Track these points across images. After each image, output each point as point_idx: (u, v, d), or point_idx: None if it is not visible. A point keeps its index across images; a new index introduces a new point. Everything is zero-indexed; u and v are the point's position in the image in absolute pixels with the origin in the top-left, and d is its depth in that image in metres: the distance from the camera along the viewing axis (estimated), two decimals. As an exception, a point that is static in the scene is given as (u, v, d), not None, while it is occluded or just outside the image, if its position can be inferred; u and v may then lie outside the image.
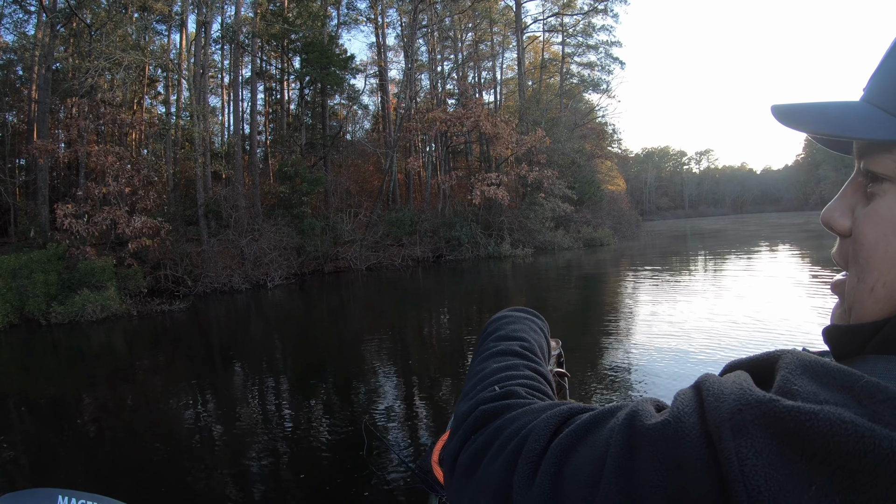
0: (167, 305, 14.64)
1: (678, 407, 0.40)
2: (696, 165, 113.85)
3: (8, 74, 24.29)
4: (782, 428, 0.34)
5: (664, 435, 0.38)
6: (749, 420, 0.35)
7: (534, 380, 0.66)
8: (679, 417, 0.39)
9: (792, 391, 0.36)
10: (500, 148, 27.38)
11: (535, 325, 0.85)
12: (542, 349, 0.79)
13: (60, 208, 15.05)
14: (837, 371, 0.37)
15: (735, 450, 0.34)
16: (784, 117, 0.49)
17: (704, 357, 7.02)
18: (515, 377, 0.65)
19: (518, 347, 0.74)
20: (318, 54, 25.99)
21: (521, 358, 0.71)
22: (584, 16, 38.28)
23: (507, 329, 0.80)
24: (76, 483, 4.55)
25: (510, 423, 0.54)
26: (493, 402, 0.59)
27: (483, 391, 0.63)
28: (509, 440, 0.52)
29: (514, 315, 0.87)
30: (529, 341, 0.77)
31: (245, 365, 9.04)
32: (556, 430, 0.49)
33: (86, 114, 17.33)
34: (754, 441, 0.34)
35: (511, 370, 0.67)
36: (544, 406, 0.55)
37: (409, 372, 7.83)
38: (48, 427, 6.18)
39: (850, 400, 0.34)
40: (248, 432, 5.69)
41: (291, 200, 23.50)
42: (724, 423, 0.35)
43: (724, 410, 0.36)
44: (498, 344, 0.76)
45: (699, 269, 17.98)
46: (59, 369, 9.66)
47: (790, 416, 0.34)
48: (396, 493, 4.12)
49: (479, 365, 0.72)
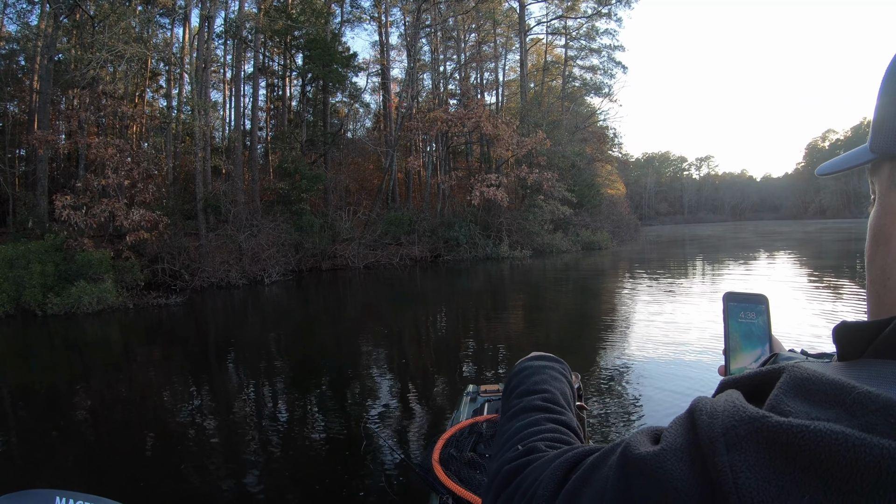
0: (163, 299, 14.67)
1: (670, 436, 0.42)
2: (696, 171, 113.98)
3: (10, 64, 24.26)
4: (775, 442, 0.34)
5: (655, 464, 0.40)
6: (742, 435, 0.36)
7: (555, 431, 0.70)
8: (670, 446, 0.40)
9: (784, 412, 0.37)
10: (501, 149, 27.42)
11: (556, 372, 0.87)
12: (566, 395, 0.82)
13: (59, 199, 15.10)
14: (830, 386, 0.38)
15: (729, 463, 0.35)
16: (824, 173, 0.64)
17: (702, 357, 7.07)
18: (537, 433, 0.69)
19: (540, 401, 0.77)
20: (321, 51, 26.00)
21: (543, 412, 0.75)
22: (587, 19, 38.31)
23: (528, 383, 0.83)
24: (69, 477, 4.59)
25: (528, 476, 0.59)
26: (516, 460, 0.64)
27: (508, 451, 0.67)
28: (525, 493, 0.57)
29: (534, 365, 0.89)
30: (552, 392, 0.80)
31: (241, 361, 9.08)
32: (566, 476, 0.53)
33: (86, 105, 17.39)
34: (747, 455, 0.35)
35: (533, 426, 0.71)
36: (555, 455, 0.59)
37: (406, 371, 7.86)
38: (42, 419, 6.21)
39: (843, 414, 0.35)
40: (243, 429, 5.72)
41: (290, 197, 23.53)
42: (717, 438, 0.37)
43: (717, 426, 0.38)
44: (521, 401, 0.79)
45: (694, 273, 18.03)
46: (55, 361, 9.69)
47: (782, 430, 0.34)
48: (395, 492, 4.12)
49: (505, 425, 0.76)
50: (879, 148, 0.50)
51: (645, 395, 5.95)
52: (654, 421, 5.08)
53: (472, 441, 2.22)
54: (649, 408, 5.52)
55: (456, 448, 2.14)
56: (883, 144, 0.49)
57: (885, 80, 0.48)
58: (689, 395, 5.74)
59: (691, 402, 0.44)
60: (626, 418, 5.31)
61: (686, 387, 6.07)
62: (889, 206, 0.50)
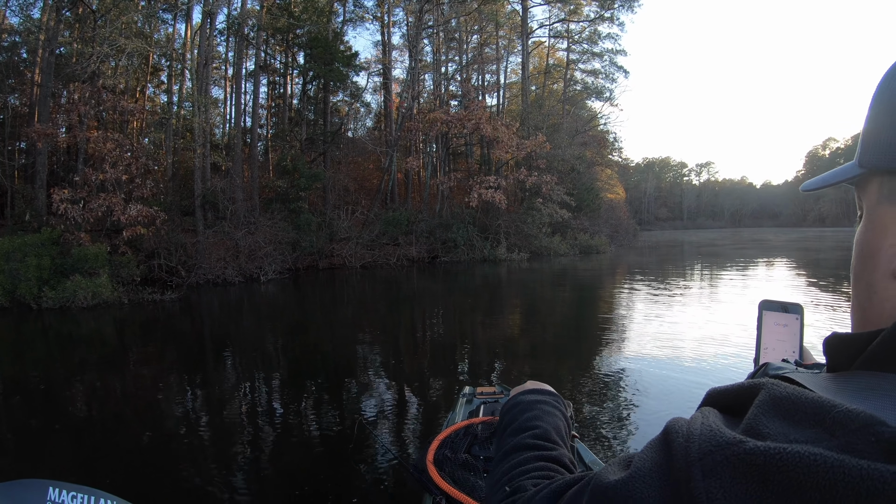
0: (159, 295, 14.62)
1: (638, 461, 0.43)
2: (696, 177, 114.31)
3: (12, 57, 24.21)
4: (751, 465, 0.34)
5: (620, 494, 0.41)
6: (718, 461, 0.36)
7: (543, 469, 0.70)
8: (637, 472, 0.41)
9: (762, 434, 0.37)
10: (501, 151, 27.43)
11: (549, 406, 0.87)
12: (559, 429, 0.82)
13: (57, 193, 15.04)
14: (809, 404, 0.38)
15: (705, 489, 0.35)
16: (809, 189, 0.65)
17: (697, 363, 7.05)
18: (525, 472, 0.70)
19: (530, 439, 0.78)
20: (323, 50, 26.00)
21: (532, 449, 0.75)
22: (590, 23, 38.40)
23: (520, 420, 0.84)
24: (63, 471, 4.56)
25: None
26: (503, 501, 0.65)
27: (497, 493, 0.69)
28: None
29: (526, 400, 0.90)
30: (544, 427, 0.81)
31: (235, 358, 9.04)
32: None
33: (87, 99, 17.31)
34: (723, 481, 0.34)
35: (522, 465, 0.72)
36: (538, 489, 0.60)
37: (401, 372, 7.82)
38: (35, 412, 6.17)
39: (822, 434, 0.35)
40: (237, 426, 5.68)
41: (289, 195, 23.49)
42: (693, 464, 0.36)
43: (693, 451, 0.37)
44: (513, 439, 0.80)
45: (690, 279, 18.02)
46: (49, 354, 9.64)
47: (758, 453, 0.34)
48: (389, 492, 4.10)
49: (497, 466, 0.77)
50: (868, 162, 0.50)
51: (639, 398, 5.92)
52: (646, 424, 5.06)
53: (467, 442, 2.19)
54: (644, 410, 5.49)
55: (451, 449, 2.12)
56: (872, 159, 0.49)
57: (876, 96, 0.49)
58: (685, 397, 5.73)
59: (666, 423, 0.44)
60: (619, 422, 5.28)
61: (680, 389, 6.04)
62: (876, 221, 0.50)
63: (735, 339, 8.40)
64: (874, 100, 0.49)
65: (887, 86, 0.48)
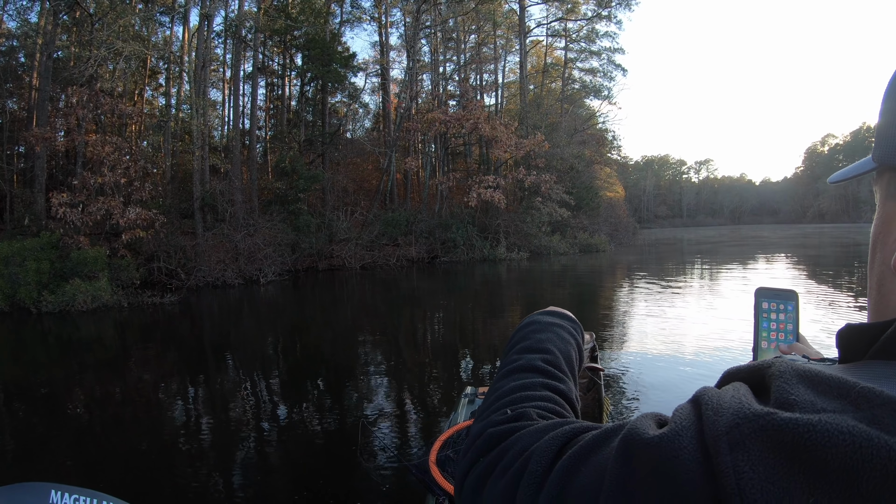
0: (158, 298, 14.59)
1: (677, 421, 0.40)
2: (695, 175, 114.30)
3: (10, 61, 24.21)
4: (779, 441, 0.33)
5: (661, 448, 0.38)
6: (746, 434, 0.34)
7: (550, 400, 0.64)
8: (678, 431, 0.38)
9: (790, 401, 0.37)
10: (499, 151, 27.40)
11: (565, 332, 0.81)
12: (571, 359, 0.76)
13: (55, 197, 15.02)
14: (831, 379, 0.37)
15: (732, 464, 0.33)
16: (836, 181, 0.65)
17: (695, 358, 7.04)
18: (530, 398, 0.64)
19: (540, 362, 0.71)
20: (320, 51, 26.00)
21: (541, 375, 0.69)
22: (587, 22, 38.39)
23: (532, 339, 0.77)
24: (64, 473, 4.55)
25: (514, 444, 0.54)
26: (502, 424, 0.59)
27: (495, 413, 0.62)
28: (512, 462, 0.52)
29: (542, 321, 0.83)
30: (555, 354, 0.74)
31: (236, 360, 9.03)
32: (560, 451, 0.49)
33: (85, 103, 17.28)
34: (751, 455, 0.33)
35: (528, 390, 0.66)
36: (547, 426, 0.55)
37: (402, 372, 7.81)
38: (36, 416, 6.17)
39: (848, 406, 0.35)
40: (238, 427, 5.67)
41: (288, 196, 23.47)
42: (721, 437, 0.35)
43: (721, 424, 0.36)
44: (520, 358, 0.73)
45: (690, 277, 18.01)
46: (49, 358, 9.63)
47: (787, 428, 0.33)
48: (392, 493, 4.09)
49: (498, 381, 0.71)
50: (880, 158, 0.51)
51: (641, 392, 5.93)
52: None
53: (469, 443, 2.18)
54: (645, 405, 5.48)
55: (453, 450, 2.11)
56: (883, 155, 0.50)
57: (888, 92, 0.49)
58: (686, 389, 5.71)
59: (696, 391, 0.43)
60: (621, 417, 5.27)
61: (682, 382, 6.03)
62: (885, 215, 0.51)
63: (734, 334, 8.40)
64: (886, 94, 0.49)
65: None
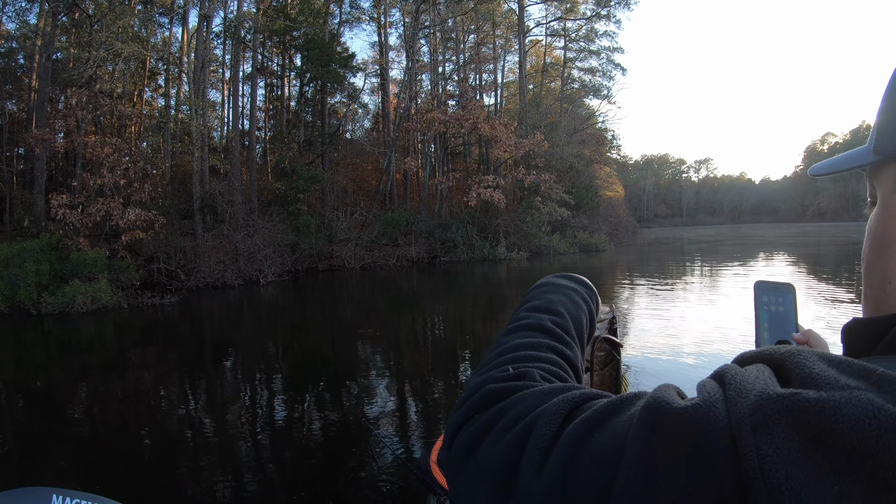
0: (158, 299, 14.58)
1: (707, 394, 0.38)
2: (694, 174, 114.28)
3: (9, 62, 24.19)
4: (804, 423, 0.32)
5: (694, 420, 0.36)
6: (770, 416, 0.33)
7: (554, 364, 0.61)
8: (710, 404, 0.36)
9: (813, 375, 0.35)
10: (499, 151, 27.41)
11: (579, 297, 0.77)
12: (581, 326, 0.72)
13: (55, 198, 15.02)
14: (852, 362, 0.37)
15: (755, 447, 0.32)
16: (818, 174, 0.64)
17: (697, 355, 7.02)
18: (535, 358, 0.60)
19: (549, 323, 0.68)
20: (319, 51, 25.98)
21: (548, 336, 0.66)
22: (586, 21, 38.40)
23: (543, 299, 0.74)
24: (63, 475, 4.54)
25: (516, 403, 0.51)
26: (503, 382, 0.55)
27: (495, 369, 0.59)
28: (514, 423, 0.49)
29: (556, 283, 0.79)
30: (564, 317, 0.70)
31: (236, 361, 9.02)
32: (568, 416, 0.46)
33: (84, 104, 17.27)
34: (774, 438, 0.32)
35: (533, 349, 0.62)
36: (554, 389, 0.51)
37: (402, 372, 7.81)
38: (37, 418, 6.16)
39: (871, 386, 0.34)
40: (239, 428, 5.66)
41: (287, 197, 23.46)
42: (744, 420, 0.34)
43: (744, 406, 0.35)
44: (529, 316, 0.70)
45: (690, 275, 18.00)
46: (49, 360, 9.62)
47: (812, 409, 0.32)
48: (393, 493, 4.08)
49: (503, 337, 0.68)
50: (884, 150, 0.49)
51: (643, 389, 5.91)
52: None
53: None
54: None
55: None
56: (888, 146, 0.49)
57: (892, 83, 0.48)
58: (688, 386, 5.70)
59: (719, 368, 0.41)
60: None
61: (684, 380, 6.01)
62: (892, 210, 0.50)
63: (735, 332, 8.38)
64: (889, 86, 0.48)
65: None
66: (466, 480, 0.50)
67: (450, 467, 0.54)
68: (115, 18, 20.10)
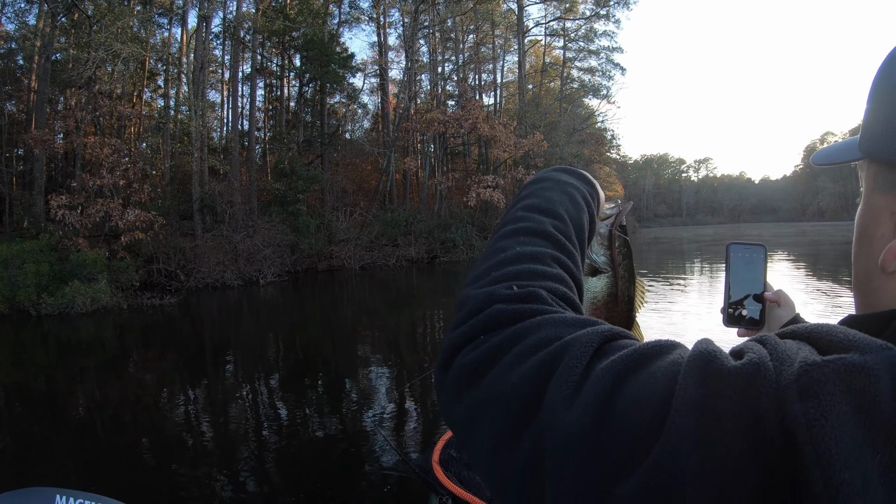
0: (158, 299, 14.58)
1: (756, 356, 0.36)
2: (694, 173, 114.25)
3: (8, 63, 24.17)
4: (850, 389, 0.32)
5: (748, 380, 0.34)
6: (816, 381, 0.33)
7: (561, 281, 0.56)
8: (760, 366, 0.35)
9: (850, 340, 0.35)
10: (498, 150, 27.41)
11: (580, 195, 0.69)
12: (582, 231, 0.66)
13: (54, 199, 15.01)
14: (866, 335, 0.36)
15: (803, 412, 0.31)
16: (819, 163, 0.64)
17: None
18: (541, 274, 0.55)
19: (551, 228, 0.61)
20: (319, 52, 25.98)
21: (552, 245, 0.60)
22: (586, 21, 38.41)
23: (542, 197, 0.66)
24: (64, 475, 4.53)
25: (534, 330, 0.47)
26: (513, 303, 0.51)
27: (497, 283, 0.54)
28: (533, 350, 0.45)
29: (555, 178, 0.71)
30: (565, 221, 0.64)
31: (236, 361, 9.01)
32: (597, 352, 0.43)
33: (83, 105, 17.27)
34: (822, 403, 0.31)
35: (537, 262, 0.57)
36: (577, 320, 0.48)
37: (403, 372, 7.79)
38: (38, 418, 6.15)
39: None
40: (239, 429, 5.65)
41: (287, 197, 23.46)
42: (790, 385, 0.33)
43: (790, 372, 0.34)
44: (528, 217, 0.63)
45: (691, 274, 18.01)
46: (49, 360, 9.61)
47: (856, 372, 0.32)
48: (395, 493, 4.07)
49: (499, 241, 0.62)
50: (866, 150, 0.51)
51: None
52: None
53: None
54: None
55: (456, 449, 2.10)
56: (869, 148, 0.51)
57: (875, 85, 0.49)
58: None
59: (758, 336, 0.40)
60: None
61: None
62: (872, 208, 0.51)
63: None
64: (872, 87, 0.50)
65: (882, 75, 0.48)
66: (469, 405, 0.47)
67: (446, 389, 0.51)
68: (114, 19, 20.08)
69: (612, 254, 0.82)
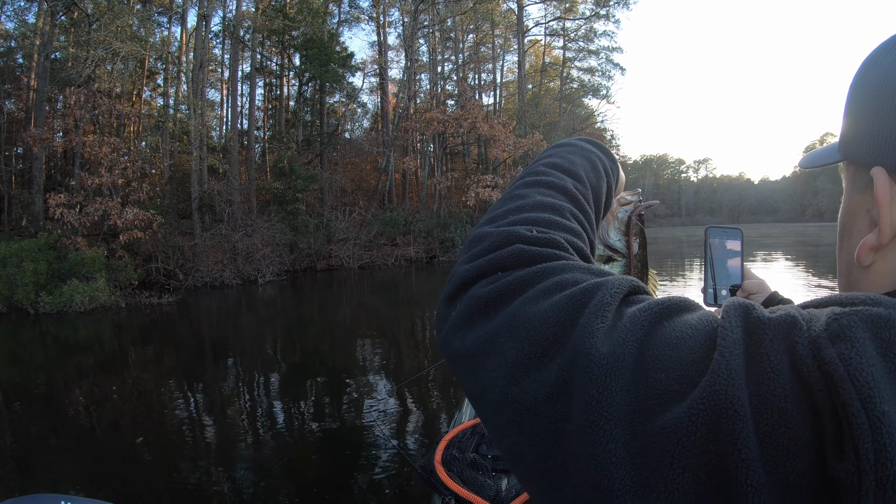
0: (156, 298, 14.55)
1: (792, 309, 0.38)
2: (694, 174, 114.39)
3: (8, 62, 24.14)
4: (877, 336, 0.33)
5: (787, 328, 0.35)
6: (846, 325, 0.34)
7: (579, 237, 0.55)
8: (795, 317, 0.36)
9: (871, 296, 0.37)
10: (498, 150, 27.39)
11: (601, 165, 0.68)
12: (599, 199, 0.65)
13: (53, 198, 14.97)
14: None
15: (837, 353, 0.32)
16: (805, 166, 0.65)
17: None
18: (560, 226, 0.55)
19: (572, 187, 0.61)
20: (318, 51, 25.96)
21: (572, 202, 0.59)
22: (585, 21, 38.39)
23: (565, 159, 0.66)
24: (63, 477, 4.50)
25: (561, 270, 0.47)
26: (536, 245, 0.50)
27: (520, 225, 0.53)
28: (562, 287, 0.44)
29: (578, 145, 0.71)
30: (585, 184, 0.63)
31: (235, 361, 8.98)
32: (625, 298, 0.43)
33: (82, 103, 17.24)
34: (855, 343, 0.33)
35: (557, 213, 0.56)
36: (602, 271, 0.48)
37: (403, 372, 7.78)
38: (35, 419, 6.12)
39: None
40: (239, 429, 5.63)
41: (286, 197, 23.44)
42: (821, 333, 0.34)
43: (818, 322, 0.35)
44: (550, 172, 0.62)
45: (691, 273, 18.01)
46: (47, 359, 9.58)
47: (883, 321, 0.34)
48: (397, 494, 4.06)
49: (519, 189, 0.61)
50: (844, 152, 0.53)
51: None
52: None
53: (474, 442, 2.15)
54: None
55: (458, 449, 2.08)
56: (846, 150, 0.53)
57: (851, 92, 0.51)
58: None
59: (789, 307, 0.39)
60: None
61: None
62: (851, 206, 0.53)
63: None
64: (848, 94, 0.52)
65: (857, 83, 0.50)
66: (481, 335, 0.46)
67: (452, 320, 0.50)
68: (113, 18, 20.04)
69: (628, 240, 0.86)
